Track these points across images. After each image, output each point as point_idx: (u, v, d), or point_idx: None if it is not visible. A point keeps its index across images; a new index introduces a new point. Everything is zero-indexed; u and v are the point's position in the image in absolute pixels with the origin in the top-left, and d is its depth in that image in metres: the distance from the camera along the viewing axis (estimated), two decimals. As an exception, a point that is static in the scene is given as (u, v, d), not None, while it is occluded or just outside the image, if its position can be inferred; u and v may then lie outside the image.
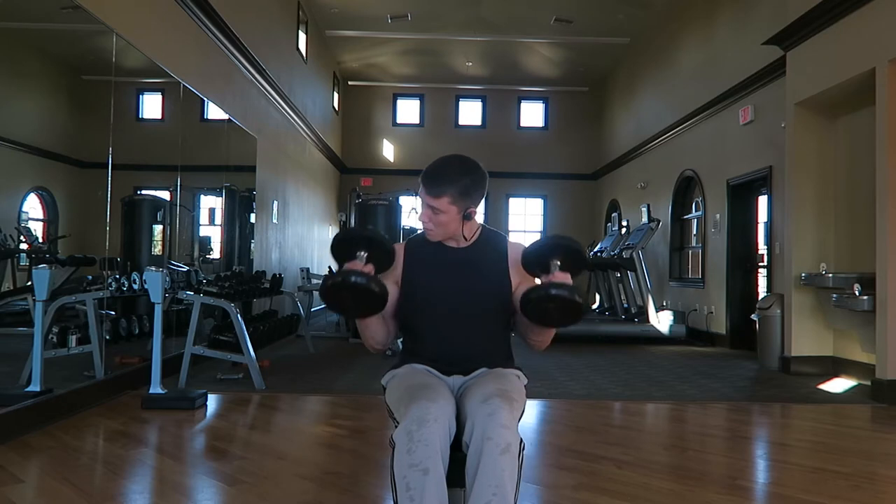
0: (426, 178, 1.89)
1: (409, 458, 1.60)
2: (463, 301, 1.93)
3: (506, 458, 1.60)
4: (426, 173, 1.90)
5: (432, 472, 1.59)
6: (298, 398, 4.89)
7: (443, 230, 1.93)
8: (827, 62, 5.78)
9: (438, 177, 1.88)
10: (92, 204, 4.81)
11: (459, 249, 1.98)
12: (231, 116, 7.17)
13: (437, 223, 1.91)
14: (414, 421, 1.63)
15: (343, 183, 14.56)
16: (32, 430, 3.58)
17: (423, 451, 1.60)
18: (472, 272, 1.95)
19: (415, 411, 1.66)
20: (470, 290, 1.94)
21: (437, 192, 1.87)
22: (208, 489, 2.91)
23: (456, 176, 1.88)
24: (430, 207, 1.88)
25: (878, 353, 5.11)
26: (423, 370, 1.94)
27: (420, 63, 14.02)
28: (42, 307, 3.88)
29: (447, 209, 1.88)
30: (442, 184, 1.87)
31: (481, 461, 1.60)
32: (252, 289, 6.06)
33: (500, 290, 1.96)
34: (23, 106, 4.41)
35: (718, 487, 2.96)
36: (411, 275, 1.97)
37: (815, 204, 6.30)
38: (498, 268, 1.96)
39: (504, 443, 1.61)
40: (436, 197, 1.86)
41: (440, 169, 1.90)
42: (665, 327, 8.72)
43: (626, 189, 12.73)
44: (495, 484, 1.58)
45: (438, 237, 1.95)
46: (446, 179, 1.87)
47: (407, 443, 1.61)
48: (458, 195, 1.87)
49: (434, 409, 1.66)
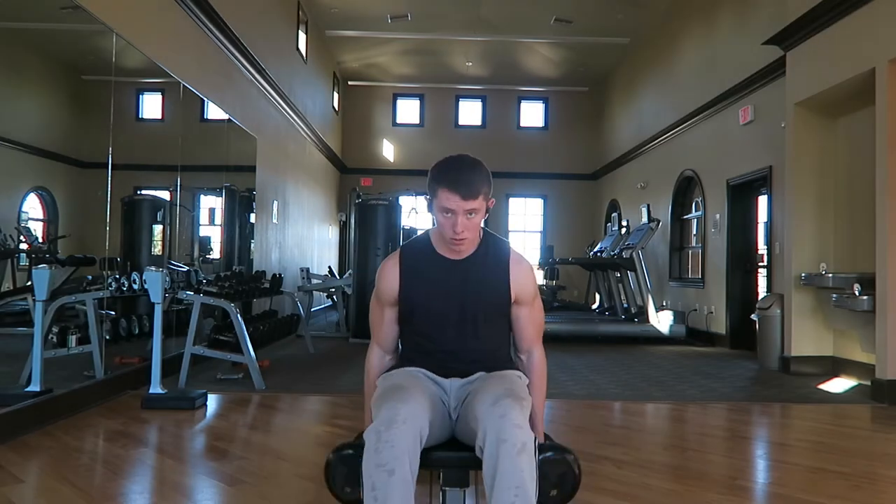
0: (458, 184, 1.78)
1: (376, 458, 1.60)
2: (462, 306, 1.90)
3: (523, 457, 1.60)
4: (453, 179, 1.79)
5: (398, 473, 1.59)
6: (298, 398, 4.89)
7: (474, 233, 1.88)
8: (827, 62, 5.78)
9: (467, 177, 1.80)
10: (92, 204, 4.81)
11: (459, 263, 1.92)
12: (231, 116, 7.17)
13: (473, 226, 1.85)
14: (383, 421, 1.63)
15: (343, 183, 14.56)
16: (32, 430, 3.58)
17: (390, 452, 1.60)
18: (471, 277, 1.91)
19: (385, 412, 1.66)
20: (469, 294, 1.91)
21: (474, 192, 1.79)
22: (208, 489, 2.91)
23: (478, 170, 1.83)
24: (466, 212, 1.80)
25: (877, 353, 5.11)
26: (417, 373, 1.92)
27: (420, 63, 14.02)
28: (42, 307, 3.88)
29: (481, 207, 1.83)
30: (474, 183, 1.80)
31: (499, 463, 1.60)
32: (252, 289, 6.06)
33: (499, 297, 1.93)
34: (23, 106, 4.41)
35: (718, 487, 2.96)
36: (409, 286, 1.92)
37: (815, 204, 6.30)
38: (498, 276, 1.92)
39: (520, 443, 1.61)
40: (474, 198, 1.80)
41: (462, 168, 1.82)
42: (665, 327, 8.71)
43: (626, 189, 12.73)
44: (516, 485, 1.58)
45: (467, 245, 1.89)
46: (475, 178, 1.81)
47: (375, 442, 1.62)
48: (489, 188, 1.84)
49: (404, 410, 1.65)
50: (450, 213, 1.81)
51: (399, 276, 1.93)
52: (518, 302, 1.95)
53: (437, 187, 1.81)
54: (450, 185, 1.79)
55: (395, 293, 1.93)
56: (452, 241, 1.87)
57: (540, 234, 15.41)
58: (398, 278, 1.93)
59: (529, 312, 1.98)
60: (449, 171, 1.82)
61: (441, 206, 1.81)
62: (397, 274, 1.93)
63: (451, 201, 1.79)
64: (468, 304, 1.90)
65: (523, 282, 1.95)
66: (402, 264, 1.94)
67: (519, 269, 1.95)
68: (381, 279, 1.96)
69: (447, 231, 1.84)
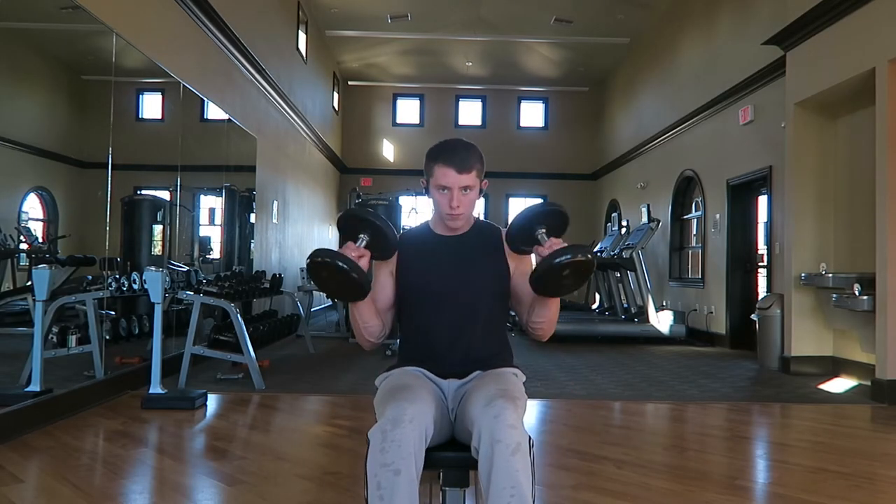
0: (452, 158, 1.85)
1: (382, 458, 1.60)
2: (460, 288, 1.92)
3: (518, 457, 1.60)
4: (448, 155, 1.86)
5: (404, 473, 1.59)
6: (298, 398, 4.89)
7: (469, 210, 1.93)
8: (827, 62, 5.78)
9: (460, 152, 1.86)
10: (92, 204, 4.81)
11: (454, 237, 1.97)
12: (231, 116, 7.17)
13: (468, 202, 1.90)
14: (389, 421, 1.63)
15: (343, 183, 14.56)
16: (32, 430, 3.58)
17: (396, 452, 1.60)
18: (468, 258, 1.94)
19: (391, 411, 1.66)
20: (465, 271, 1.93)
21: (467, 166, 1.85)
22: (208, 489, 2.91)
23: (472, 149, 1.89)
24: (461, 188, 1.86)
25: (877, 353, 5.11)
26: (417, 373, 1.92)
27: (420, 63, 14.02)
28: (42, 307, 3.88)
29: (475, 183, 1.88)
30: (467, 157, 1.86)
31: (494, 464, 1.60)
32: (252, 289, 6.06)
33: (497, 274, 1.95)
34: (23, 106, 4.41)
35: (718, 487, 2.96)
36: (407, 267, 1.95)
37: (815, 204, 6.30)
38: (494, 253, 1.95)
39: (514, 443, 1.61)
40: (467, 172, 1.85)
41: (457, 146, 1.88)
42: (665, 327, 8.72)
43: (626, 189, 12.73)
44: (511, 485, 1.58)
45: (463, 221, 1.93)
46: (468, 153, 1.86)
47: (381, 442, 1.62)
48: (482, 166, 1.89)
49: (411, 410, 1.65)
50: (446, 189, 1.87)
51: (398, 253, 1.96)
52: (518, 271, 1.96)
53: (433, 164, 1.88)
54: (445, 161, 1.85)
55: (392, 265, 1.96)
56: (448, 217, 1.91)
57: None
58: (396, 255, 1.96)
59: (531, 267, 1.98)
60: (444, 150, 1.88)
61: (437, 184, 1.87)
62: (396, 252, 1.96)
63: (447, 177, 1.85)
64: (464, 281, 1.92)
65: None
66: (401, 245, 1.97)
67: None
68: None
69: (444, 207, 1.89)
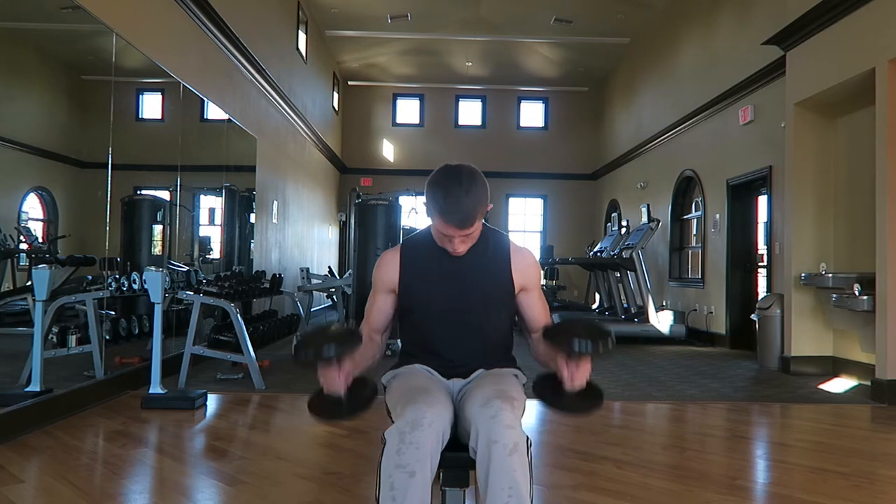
0: (455, 216, 1.76)
1: (398, 459, 1.59)
2: (463, 301, 1.90)
3: (515, 457, 1.60)
4: (450, 211, 1.76)
5: (419, 475, 1.58)
6: (298, 398, 4.89)
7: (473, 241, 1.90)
8: (826, 62, 5.78)
9: (463, 206, 1.76)
10: (92, 204, 4.81)
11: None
12: (231, 116, 7.17)
13: (472, 240, 1.88)
14: (408, 423, 1.63)
15: (343, 183, 14.56)
16: (32, 430, 3.59)
17: (413, 454, 1.59)
18: (472, 271, 1.92)
19: (410, 413, 1.65)
20: (470, 289, 1.91)
21: (470, 221, 1.79)
22: (208, 489, 2.91)
23: (476, 194, 1.78)
24: (463, 237, 1.83)
25: (877, 353, 5.11)
26: (424, 371, 1.92)
27: (420, 63, 14.02)
28: (42, 307, 3.88)
29: (478, 226, 1.85)
30: (470, 212, 1.78)
31: (491, 465, 1.59)
32: (252, 289, 6.05)
33: (501, 289, 1.93)
34: (23, 106, 4.41)
35: (718, 487, 2.96)
36: (409, 281, 1.92)
37: (815, 204, 6.30)
38: (500, 267, 1.93)
39: (511, 443, 1.60)
40: (470, 226, 1.80)
41: (461, 197, 1.76)
42: (665, 327, 8.72)
43: (625, 189, 12.73)
44: (509, 486, 1.58)
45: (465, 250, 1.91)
46: (471, 205, 1.77)
47: (398, 443, 1.61)
48: (485, 205, 1.82)
49: (430, 413, 1.64)
50: (447, 235, 1.83)
51: (399, 268, 1.93)
52: (525, 289, 1.95)
53: (433, 212, 1.80)
54: (446, 218, 1.78)
55: (394, 283, 1.93)
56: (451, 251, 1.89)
57: (540, 234, 15.41)
58: (398, 270, 1.93)
59: (539, 296, 1.99)
60: (446, 198, 1.77)
61: (439, 228, 1.83)
62: (397, 266, 1.94)
63: (448, 230, 1.80)
64: (469, 298, 1.91)
65: (526, 268, 1.95)
66: (403, 257, 1.95)
67: (520, 256, 1.95)
68: (379, 267, 1.96)
69: (445, 244, 1.87)
